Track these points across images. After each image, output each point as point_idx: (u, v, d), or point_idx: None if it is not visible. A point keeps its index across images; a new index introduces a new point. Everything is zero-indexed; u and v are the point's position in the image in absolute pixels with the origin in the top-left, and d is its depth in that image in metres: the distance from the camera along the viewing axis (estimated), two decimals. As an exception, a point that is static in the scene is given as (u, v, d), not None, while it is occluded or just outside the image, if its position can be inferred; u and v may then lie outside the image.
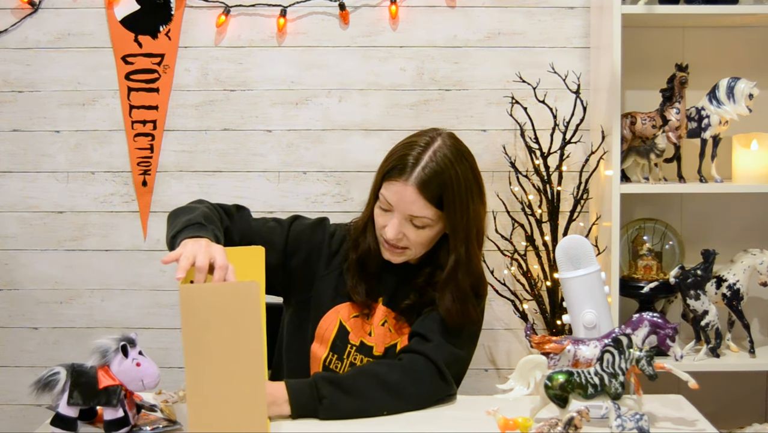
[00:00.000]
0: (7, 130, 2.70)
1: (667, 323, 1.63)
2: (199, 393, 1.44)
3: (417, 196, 1.74)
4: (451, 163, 1.77)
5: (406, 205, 1.75)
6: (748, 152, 2.51)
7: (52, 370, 1.56)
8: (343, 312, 1.88)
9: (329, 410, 1.68)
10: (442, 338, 1.79)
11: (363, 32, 2.67)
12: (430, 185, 1.74)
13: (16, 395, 2.75)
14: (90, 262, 2.72)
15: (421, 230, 1.78)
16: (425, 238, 1.79)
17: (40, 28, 2.66)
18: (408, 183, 1.74)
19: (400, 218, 1.77)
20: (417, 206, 1.75)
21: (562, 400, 1.51)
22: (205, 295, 1.45)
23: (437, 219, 1.77)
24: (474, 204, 1.80)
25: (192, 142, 2.69)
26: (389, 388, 1.72)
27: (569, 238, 1.72)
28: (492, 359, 2.75)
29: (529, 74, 2.63)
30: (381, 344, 1.86)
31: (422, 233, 1.78)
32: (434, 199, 1.74)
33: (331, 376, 1.74)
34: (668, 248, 2.65)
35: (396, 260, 1.83)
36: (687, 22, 2.61)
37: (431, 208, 1.75)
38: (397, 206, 1.76)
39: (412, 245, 1.80)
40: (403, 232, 1.78)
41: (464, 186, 1.78)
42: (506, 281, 2.66)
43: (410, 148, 1.78)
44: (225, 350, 1.44)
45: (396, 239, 1.78)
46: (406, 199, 1.74)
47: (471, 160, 1.84)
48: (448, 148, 1.79)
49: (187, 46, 2.67)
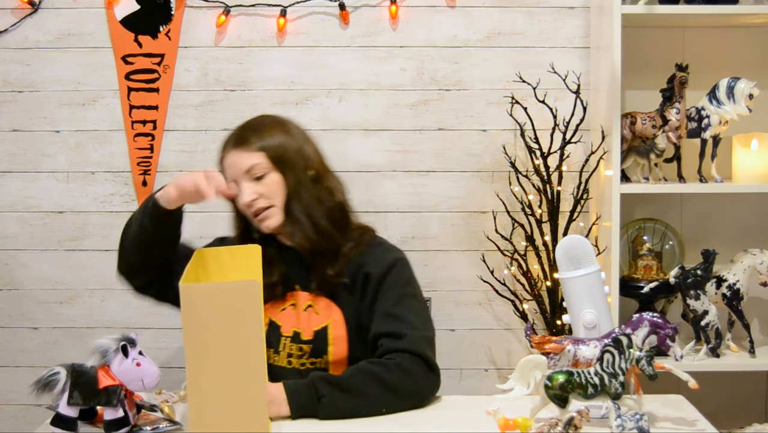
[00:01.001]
0: (7, 130, 2.70)
1: (667, 323, 1.63)
2: (200, 393, 1.45)
3: (240, 151, 1.92)
4: (255, 119, 2.02)
5: (238, 165, 1.92)
6: (748, 152, 2.51)
7: (52, 370, 1.57)
8: (270, 310, 1.94)
9: (328, 409, 1.69)
10: (409, 330, 1.83)
11: (363, 32, 2.67)
12: (244, 138, 1.94)
13: (16, 395, 2.75)
14: (90, 262, 2.72)
15: (265, 179, 1.91)
16: (274, 185, 1.92)
17: (40, 28, 2.66)
18: (229, 150, 1.95)
19: (244, 180, 1.92)
20: (244, 159, 1.91)
21: (562, 400, 1.51)
22: (206, 294, 1.45)
23: (269, 162, 1.92)
24: (293, 139, 1.97)
25: (192, 142, 2.69)
26: (386, 386, 1.74)
27: (569, 238, 1.72)
28: (492, 359, 2.75)
29: (529, 74, 2.63)
30: (308, 329, 1.91)
31: (269, 182, 1.92)
32: (253, 146, 1.92)
33: (328, 376, 1.76)
34: (668, 248, 2.65)
35: (271, 224, 1.93)
36: (687, 22, 2.61)
37: (254, 153, 1.91)
38: (235, 172, 1.92)
39: (268, 197, 1.92)
40: (255, 191, 1.91)
41: (271, 124, 1.98)
42: (506, 281, 2.66)
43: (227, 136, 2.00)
44: (226, 349, 1.44)
45: (252, 200, 1.91)
46: (236, 160, 1.92)
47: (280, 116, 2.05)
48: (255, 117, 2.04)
49: (187, 46, 2.67)
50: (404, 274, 1.95)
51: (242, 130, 1.97)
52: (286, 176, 1.93)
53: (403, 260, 1.98)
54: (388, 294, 1.89)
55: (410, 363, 1.77)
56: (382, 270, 1.91)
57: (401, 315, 1.86)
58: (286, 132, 1.98)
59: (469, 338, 2.73)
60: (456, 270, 2.71)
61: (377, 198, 2.70)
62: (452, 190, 2.70)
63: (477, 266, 2.68)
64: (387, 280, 1.91)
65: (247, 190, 1.91)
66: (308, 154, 1.98)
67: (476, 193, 2.69)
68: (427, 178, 2.70)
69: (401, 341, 1.81)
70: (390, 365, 1.76)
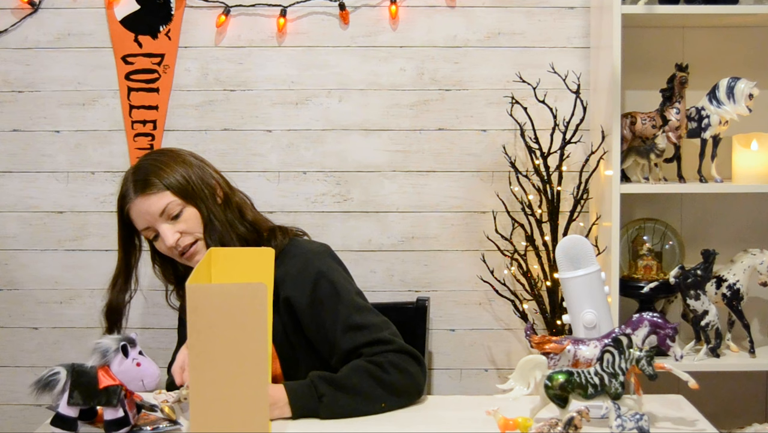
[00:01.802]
0: (7, 130, 2.70)
1: (667, 323, 1.63)
2: (203, 393, 1.44)
3: (146, 197, 1.89)
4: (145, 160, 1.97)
5: (150, 211, 1.89)
6: (748, 152, 2.51)
7: (53, 370, 1.57)
8: None
9: (329, 407, 1.69)
10: (380, 332, 1.83)
11: (363, 32, 2.67)
12: (145, 182, 1.89)
13: (16, 395, 2.75)
14: (90, 262, 2.72)
15: (181, 217, 1.90)
16: (192, 218, 1.91)
17: (40, 28, 2.66)
18: (135, 198, 1.90)
19: (161, 224, 1.89)
20: (155, 203, 1.88)
21: (562, 400, 1.51)
22: (213, 295, 1.44)
23: (179, 198, 1.90)
24: (191, 168, 1.94)
25: (192, 142, 2.69)
26: (384, 384, 1.75)
27: (569, 238, 1.72)
28: (492, 359, 2.75)
29: (529, 74, 2.63)
30: None
31: (186, 218, 1.90)
32: (157, 187, 1.89)
33: (326, 375, 1.76)
34: (668, 248, 2.65)
35: (200, 258, 1.89)
36: (687, 22, 2.61)
37: (161, 193, 1.89)
38: (148, 218, 1.90)
39: (191, 233, 1.90)
40: (176, 231, 1.89)
41: (166, 161, 1.93)
42: (506, 281, 2.66)
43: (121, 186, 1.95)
44: (230, 350, 1.44)
45: (175, 240, 1.89)
46: (146, 207, 1.89)
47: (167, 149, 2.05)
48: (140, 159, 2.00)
49: (187, 46, 2.67)
50: (334, 281, 1.90)
51: (138, 175, 1.92)
52: (199, 207, 1.91)
53: (324, 269, 1.91)
54: (334, 308, 1.86)
55: (400, 359, 1.79)
56: (309, 290, 1.87)
57: (364, 323, 1.85)
58: (183, 163, 1.95)
59: (469, 338, 2.73)
60: (456, 270, 2.71)
61: (377, 198, 2.70)
62: (452, 190, 2.70)
63: (477, 266, 2.68)
64: (318, 298, 1.87)
65: (167, 233, 1.88)
66: (211, 180, 1.97)
67: (476, 193, 2.69)
68: (427, 178, 2.70)
69: (383, 345, 1.81)
70: (384, 364, 1.77)
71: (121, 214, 1.94)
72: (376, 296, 2.62)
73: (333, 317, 1.86)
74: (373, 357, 1.79)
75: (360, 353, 1.82)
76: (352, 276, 2.03)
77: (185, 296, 1.44)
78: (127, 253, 1.99)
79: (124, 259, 1.99)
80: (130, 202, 1.90)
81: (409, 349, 1.82)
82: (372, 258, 2.71)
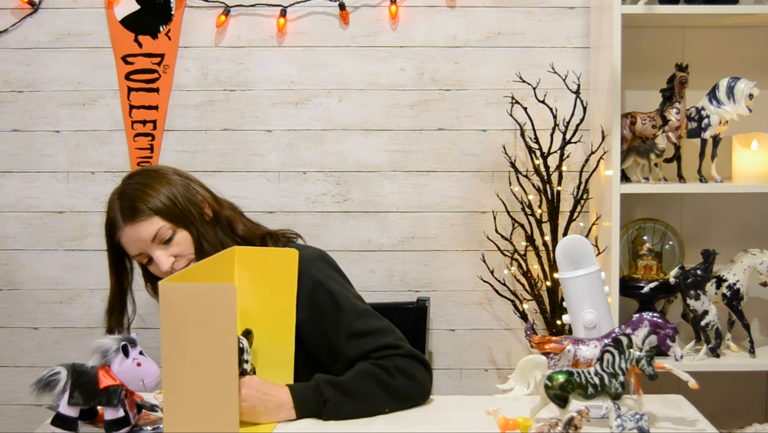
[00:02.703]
0: (7, 130, 2.70)
1: (667, 323, 1.63)
2: (175, 392, 1.44)
3: (136, 224, 1.85)
4: (129, 185, 1.91)
5: (142, 239, 1.85)
6: (748, 152, 2.51)
7: (53, 370, 1.57)
8: None
9: (333, 412, 1.70)
10: (384, 336, 1.81)
11: (363, 32, 2.67)
12: (133, 209, 1.86)
13: (16, 395, 2.75)
14: (90, 262, 2.72)
15: (173, 241, 1.87)
16: (184, 243, 1.88)
17: (40, 28, 2.66)
18: (125, 226, 1.86)
19: (155, 250, 1.86)
20: (145, 229, 1.85)
21: (562, 400, 1.51)
22: (184, 294, 1.44)
23: (168, 222, 1.86)
24: (176, 189, 1.90)
25: (192, 142, 2.69)
26: (389, 389, 1.74)
27: (569, 238, 1.72)
28: (492, 359, 2.75)
29: (529, 74, 2.63)
30: None
31: (178, 242, 1.87)
32: (146, 213, 1.85)
33: (332, 379, 1.75)
34: (668, 248, 2.65)
35: None
36: (687, 22, 2.61)
37: (150, 219, 1.85)
38: (141, 245, 1.86)
39: (185, 255, 1.88)
40: (170, 255, 1.86)
41: (150, 184, 1.89)
42: (506, 281, 2.66)
43: (108, 212, 1.91)
44: (200, 350, 1.43)
45: (170, 264, 1.86)
46: (136, 234, 1.86)
47: (147, 169, 1.99)
48: (124, 182, 1.94)
49: (187, 46, 2.67)
50: (331, 288, 1.87)
51: (124, 201, 1.88)
52: (189, 230, 1.88)
53: (320, 277, 1.88)
54: (335, 316, 1.83)
55: (407, 364, 1.78)
56: (306, 305, 1.83)
57: (368, 329, 1.83)
58: (168, 183, 1.91)
59: (469, 338, 2.73)
60: (456, 270, 2.71)
61: (377, 198, 2.70)
62: (452, 190, 2.70)
63: (477, 266, 2.68)
64: (317, 306, 1.84)
65: (162, 259, 1.86)
66: (197, 197, 1.93)
67: (476, 193, 2.69)
68: (427, 178, 2.70)
69: (390, 350, 1.80)
70: (390, 369, 1.76)
71: (111, 241, 1.92)
72: (376, 296, 2.62)
73: (335, 327, 1.83)
74: (380, 360, 1.78)
75: (367, 358, 1.80)
76: (352, 276, 2.01)
77: None
78: (120, 277, 1.97)
79: (117, 283, 1.97)
80: (120, 230, 1.87)
81: (416, 353, 1.81)
82: (372, 258, 2.71)
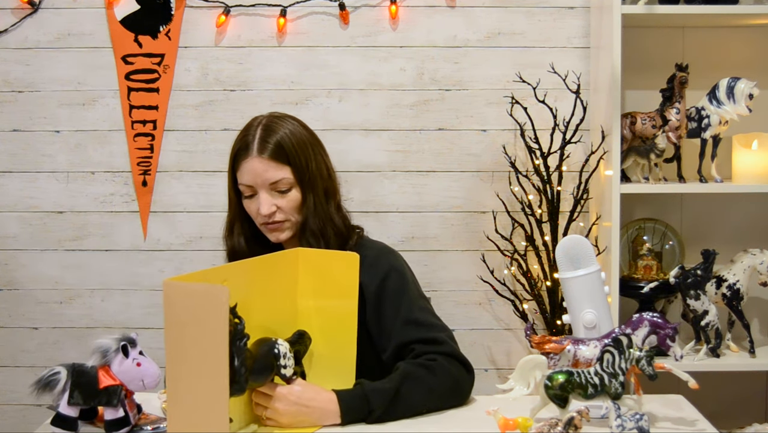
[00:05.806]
0: (7, 130, 2.70)
1: (667, 323, 1.63)
2: (177, 391, 1.45)
3: (266, 162, 1.86)
4: (279, 124, 1.91)
5: (262, 176, 1.86)
6: (748, 152, 2.51)
7: (53, 370, 1.57)
8: None
9: (377, 420, 1.68)
10: (437, 333, 1.82)
11: (363, 32, 2.67)
12: (271, 147, 1.86)
13: (16, 395, 2.75)
14: (90, 262, 2.72)
15: (287, 194, 1.88)
16: (294, 201, 1.89)
17: (40, 28, 2.67)
18: (254, 156, 1.86)
19: (265, 192, 1.87)
20: (271, 171, 1.86)
21: (562, 400, 1.51)
22: (183, 293, 1.45)
23: (293, 177, 1.88)
24: (314, 154, 1.92)
25: (192, 142, 2.69)
26: (433, 391, 1.73)
27: (569, 238, 1.72)
28: (492, 359, 2.75)
29: (529, 74, 2.63)
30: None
31: (290, 197, 1.88)
32: (281, 157, 1.86)
33: (379, 387, 1.71)
34: (668, 248, 2.65)
35: (282, 237, 1.91)
36: (687, 22, 2.61)
37: (282, 167, 1.86)
38: (255, 182, 1.87)
39: (287, 212, 1.89)
40: (275, 203, 1.87)
41: (298, 137, 1.91)
42: (506, 281, 2.66)
43: (244, 134, 1.91)
44: (196, 350, 1.44)
45: (270, 212, 1.87)
46: (259, 169, 1.86)
47: (297, 120, 1.97)
48: (273, 117, 1.94)
49: (187, 46, 2.67)
50: (404, 277, 1.92)
51: (268, 135, 1.88)
52: (306, 196, 1.89)
53: (396, 265, 1.93)
54: (398, 302, 1.86)
55: (451, 365, 1.78)
56: (379, 280, 1.87)
57: (424, 320, 1.85)
58: (312, 146, 1.92)
59: (469, 338, 2.73)
60: (456, 270, 2.71)
61: (377, 198, 2.70)
62: (452, 190, 2.70)
63: (477, 266, 2.68)
64: (387, 289, 1.87)
65: (266, 203, 1.86)
66: (325, 169, 1.95)
67: (476, 193, 2.70)
68: (427, 178, 2.70)
69: (436, 345, 1.80)
70: (435, 369, 1.75)
71: (233, 161, 1.91)
72: (376, 296, 2.62)
73: (395, 309, 1.85)
74: (423, 358, 1.78)
75: (412, 348, 1.81)
76: None
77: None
78: (239, 196, 1.95)
79: (237, 202, 1.95)
80: (249, 156, 1.86)
81: (460, 355, 1.81)
82: (372, 258, 2.70)
